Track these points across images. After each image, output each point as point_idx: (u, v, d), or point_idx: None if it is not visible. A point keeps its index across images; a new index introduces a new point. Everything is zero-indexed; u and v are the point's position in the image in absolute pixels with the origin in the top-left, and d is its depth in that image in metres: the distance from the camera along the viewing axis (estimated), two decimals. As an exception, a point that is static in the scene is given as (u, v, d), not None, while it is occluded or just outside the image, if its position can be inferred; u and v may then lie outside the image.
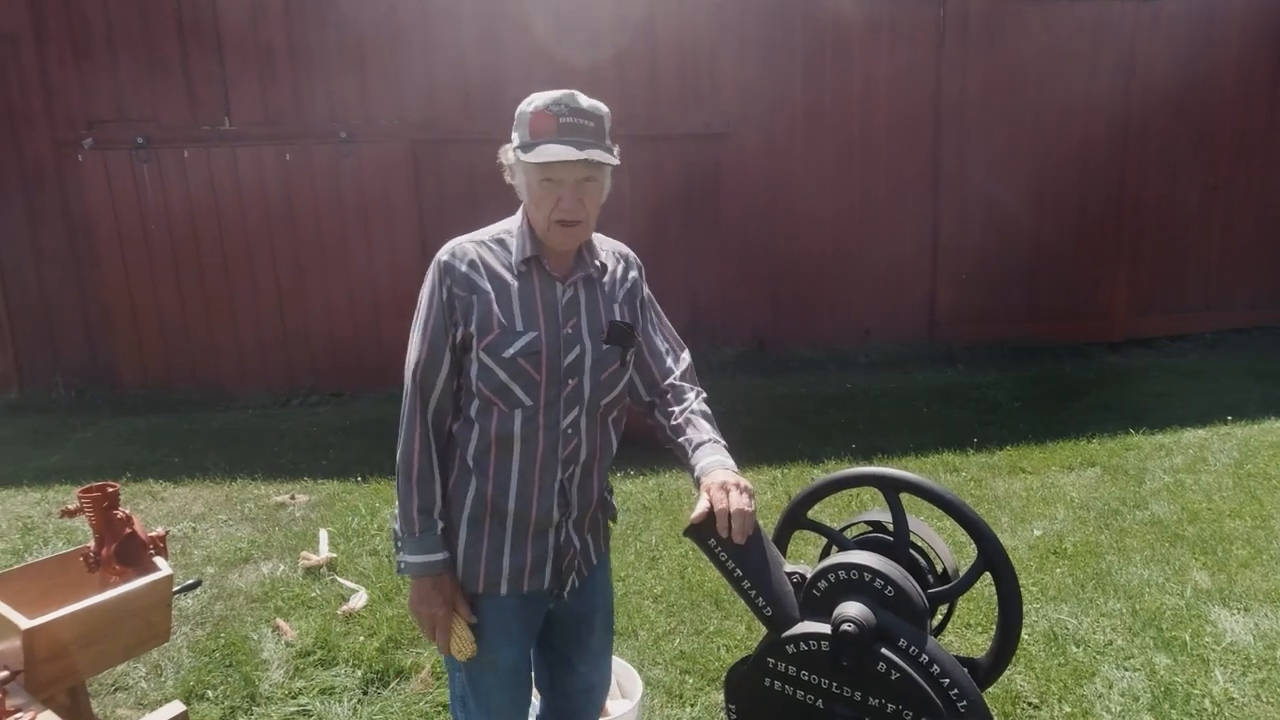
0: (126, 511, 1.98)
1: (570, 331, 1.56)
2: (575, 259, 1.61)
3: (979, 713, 1.44)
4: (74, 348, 6.39)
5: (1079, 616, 3.09)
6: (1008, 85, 7.05)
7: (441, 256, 1.55)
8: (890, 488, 1.66)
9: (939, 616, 1.91)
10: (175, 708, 1.68)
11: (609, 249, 1.71)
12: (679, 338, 1.82)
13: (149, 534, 2.01)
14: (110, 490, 1.97)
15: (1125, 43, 7.09)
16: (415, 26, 6.28)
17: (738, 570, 1.56)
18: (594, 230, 1.62)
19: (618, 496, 1.88)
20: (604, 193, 1.57)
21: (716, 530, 1.53)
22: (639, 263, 1.75)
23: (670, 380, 1.74)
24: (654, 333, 1.75)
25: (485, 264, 1.55)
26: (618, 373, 1.63)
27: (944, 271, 7.24)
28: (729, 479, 1.53)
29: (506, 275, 1.55)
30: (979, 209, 7.14)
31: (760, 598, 1.56)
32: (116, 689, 2.77)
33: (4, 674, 1.53)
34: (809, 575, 1.58)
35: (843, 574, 1.53)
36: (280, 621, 3.13)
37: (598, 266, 1.64)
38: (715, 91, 6.74)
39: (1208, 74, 7.27)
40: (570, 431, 1.58)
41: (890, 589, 1.50)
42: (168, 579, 1.89)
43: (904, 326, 7.29)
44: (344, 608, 3.21)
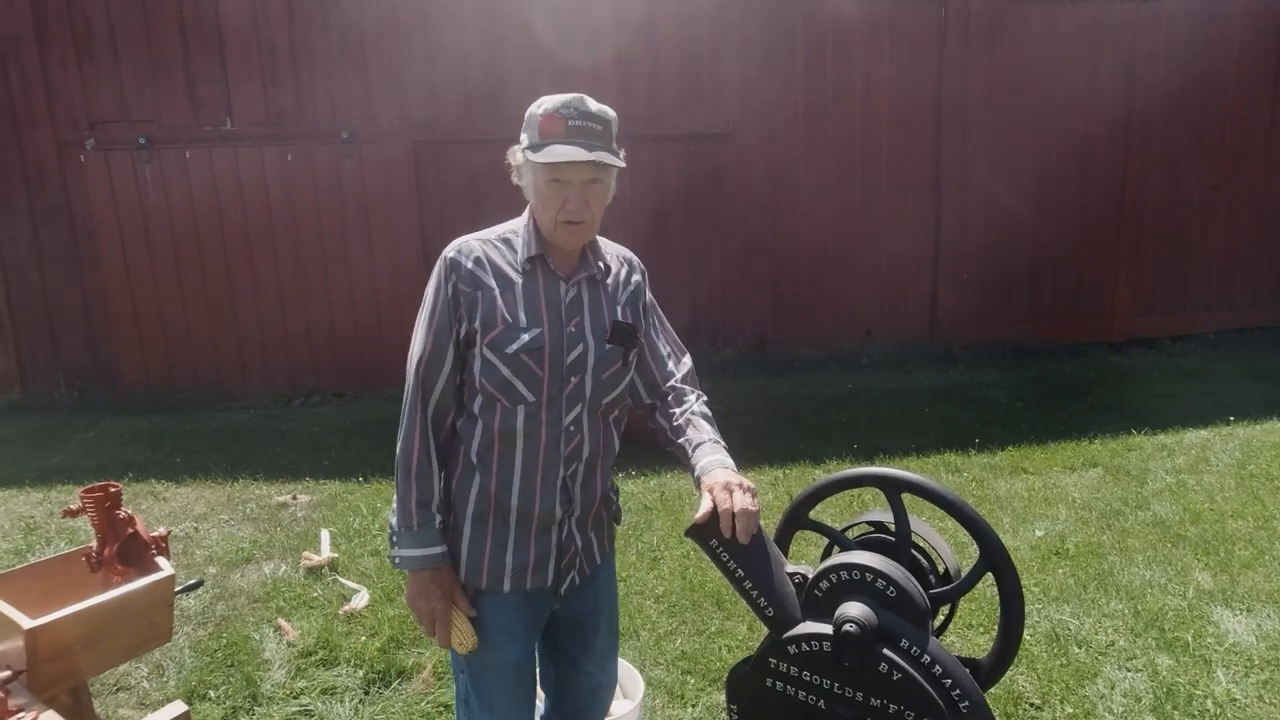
0: (128, 511, 1.98)
1: (573, 330, 1.58)
2: (579, 259, 1.63)
3: (981, 713, 1.44)
4: (76, 348, 6.40)
5: (1081, 617, 3.09)
6: (1009, 85, 7.05)
7: (448, 253, 1.58)
8: (892, 488, 1.66)
9: (941, 617, 1.92)
10: (177, 708, 1.69)
11: (613, 252, 1.73)
12: (680, 342, 1.84)
13: (151, 534, 2.01)
14: (112, 490, 1.97)
15: (1126, 42, 7.08)
16: (416, 27, 6.28)
17: (739, 571, 1.56)
18: (598, 231, 1.65)
19: (620, 497, 1.88)
20: (609, 195, 1.60)
21: (719, 530, 1.53)
22: (643, 268, 1.78)
23: (671, 383, 1.76)
24: (656, 337, 1.77)
25: (491, 261, 1.57)
26: (619, 372, 1.64)
27: (945, 271, 7.24)
28: (732, 479, 1.54)
29: (511, 273, 1.57)
30: (980, 209, 7.13)
31: (762, 598, 1.56)
32: (119, 689, 2.78)
33: (6, 674, 1.53)
34: (811, 576, 1.58)
35: (844, 574, 1.53)
36: (282, 621, 3.14)
37: (601, 268, 1.66)
38: (716, 92, 6.74)
39: (1209, 74, 7.26)
40: (573, 429, 1.59)
41: (892, 589, 1.50)
42: (170, 579, 1.89)
43: (905, 326, 7.28)
44: (346, 608, 3.21)
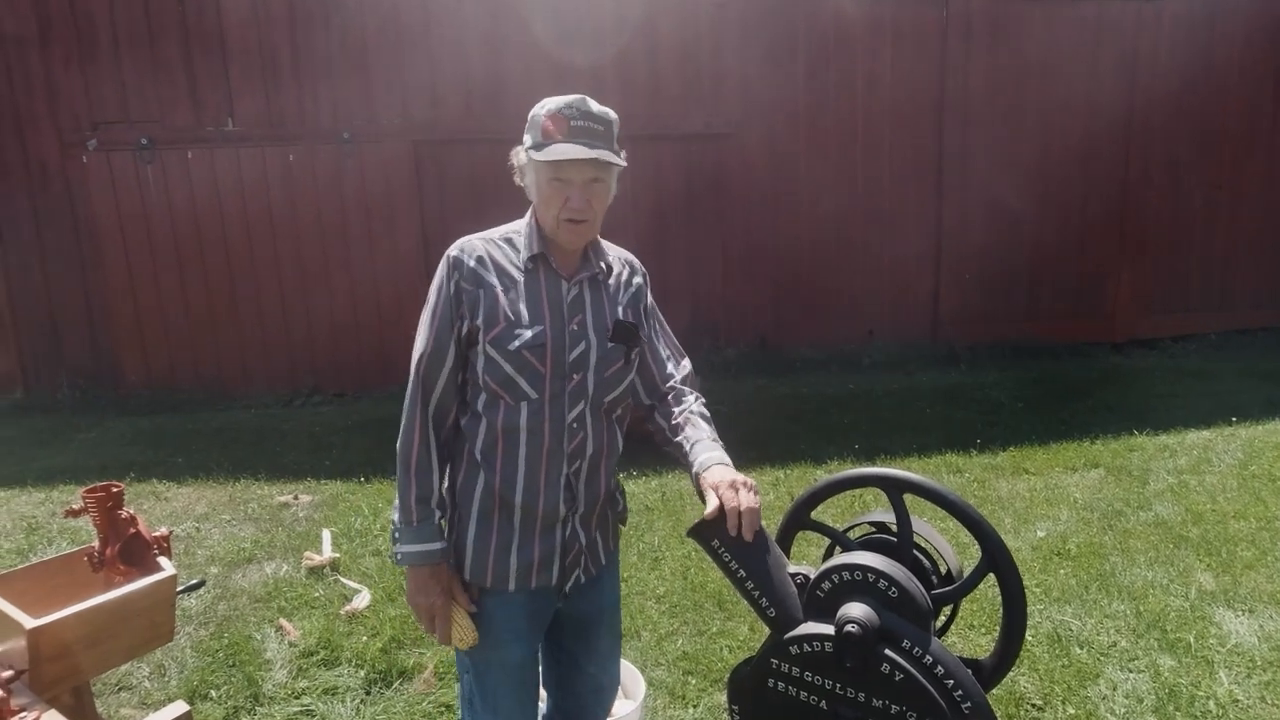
0: (130, 511, 1.99)
1: (576, 328, 1.59)
2: (581, 259, 1.65)
3: (983, 714, 1.44)
4: (78, 348, 6.41)
5: (1083, 618, 3.08)
6: (1010, 85, 7.05)
7: (451, 252, 1.60)
8: (894, 488, 1.66)
9: (943, 618, 1.91)
10: (179, 707, 1.69)
11: (615, 254, 1.75)
12: (679, 346, 1.86)
13: (153, 534, 2.02)
14: (114, 490, 1.98)
15: (1128, 42, 7.08)
16: (417, 27, 6.29)
17: (741, 571, 1.56)
18: (599, 231, 1.66)
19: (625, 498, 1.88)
20: (610, 195, 1.62)
21: (721, 530, 1.53)
22: (644, 271, 1.79)
23: (670, 384, 1.78)
24: (656, 339, 1.79)
25: (493, 260, 1.59)
26: (622, 371, 1.66)
27: (947, 272, 7.23)
28: (735, 477, 1.55)
29: (514, 271, 1.59)
30: (982, 209, 7.13)
31: (764, 598, 1.56)
32: (120, 689, 2.78)
33: (9, 673, 1.54)
34: (812, 576, 1.58)
35: (846, 575, 1.53)
36: (283, 621, 3.14)
37: (603, 268, 1.68)
38: (717, 92, 6.74)
39: (1211, 73, 7.25)
40: (575, 426, 1.60)
41: (894, 590, 1.50)
42: (171, 579, 1.89)
43: (906, 327, 7.28)
44: (347, 608, 3.21)
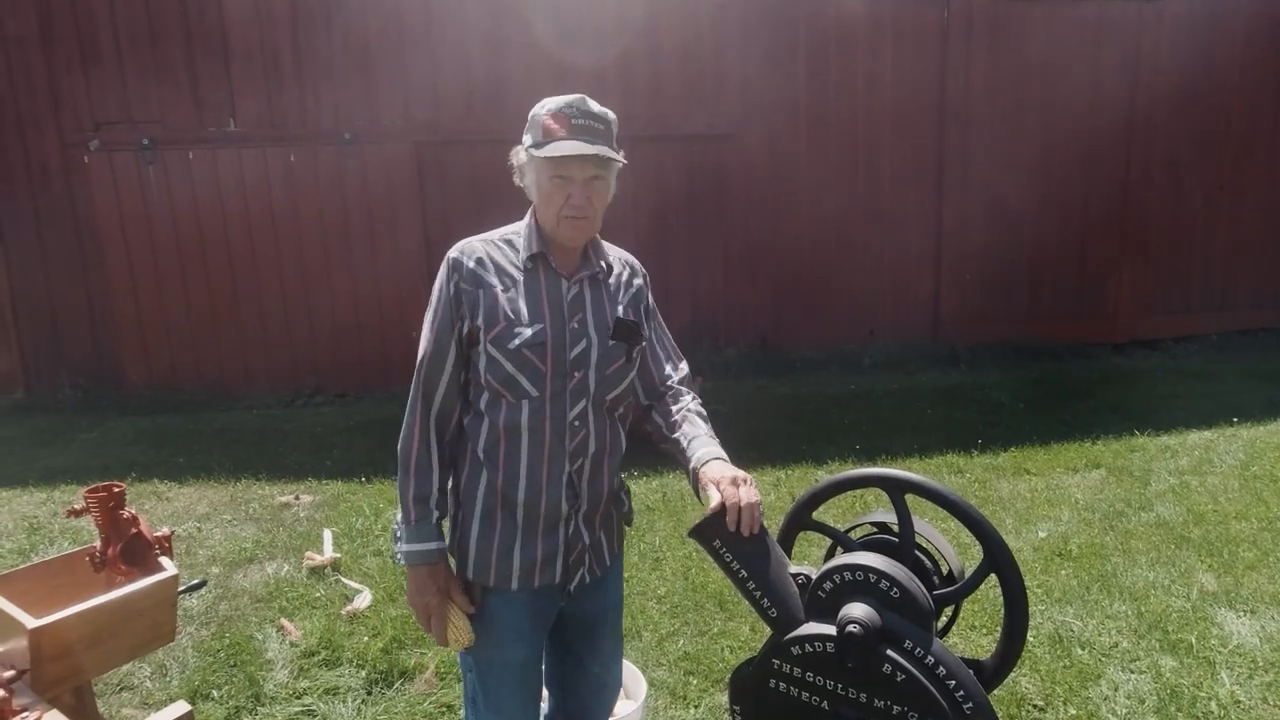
0: (132, 511, 1.99)
1: (576, 326, 1.60)
2: (581, 258, 1.66)
3: (984, 714, 1.44)
4: (80, 348, 6.41)
5: (1084, 618, 3.08)
6: (1011, 85, 7.04)
7: (451, 254, 1.62)
8: (895, 489, 1.66)
9: (944, 618, 1.91)
10: (180, 707, 1.69)
11: (616, 254, 1.76)
12: (678, 349, 1.88)
13: (154, 534, 2.02)
14: (116, 490, 1.98)
15: (1129, 41, 7.07)
16: (419, 28, 6.29)
17: (743, 571, 1.56)
18: (599, 231, 1.67)
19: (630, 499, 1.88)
20: (610, 193, 1.63)
21: (723, 530, 1.53)
22: (645, 273, 1.80)
23: (669, 384, 1.80)
24: (656, 342, 1.81)
25: (493, 260, 1.61)
26: (623, 369, 1.66)
27: (948, 272, 7.23)
28: (735, 473, 1.57)
29: (514, 271, 1.61)
30: (983, 209, 7.13)
31: (765, 599, 1.56)
32: (122, 689, 2.78)
33: (10, 673, 1.54)
34: (814, 576, 1.58)
35: (848, 575, 1.53)
36: (285, 622, 3.14)
37: (603, 267, 1.69)
38: (718, 92, 6.74)
39: (1212, 73, 7.24)
40: (577, 424, 1.60)
41: (895, 590, 1.50)
42: (173, 579, 1.90)
43: (907, 327, 7.27)
44: (348, 608, 3.21)
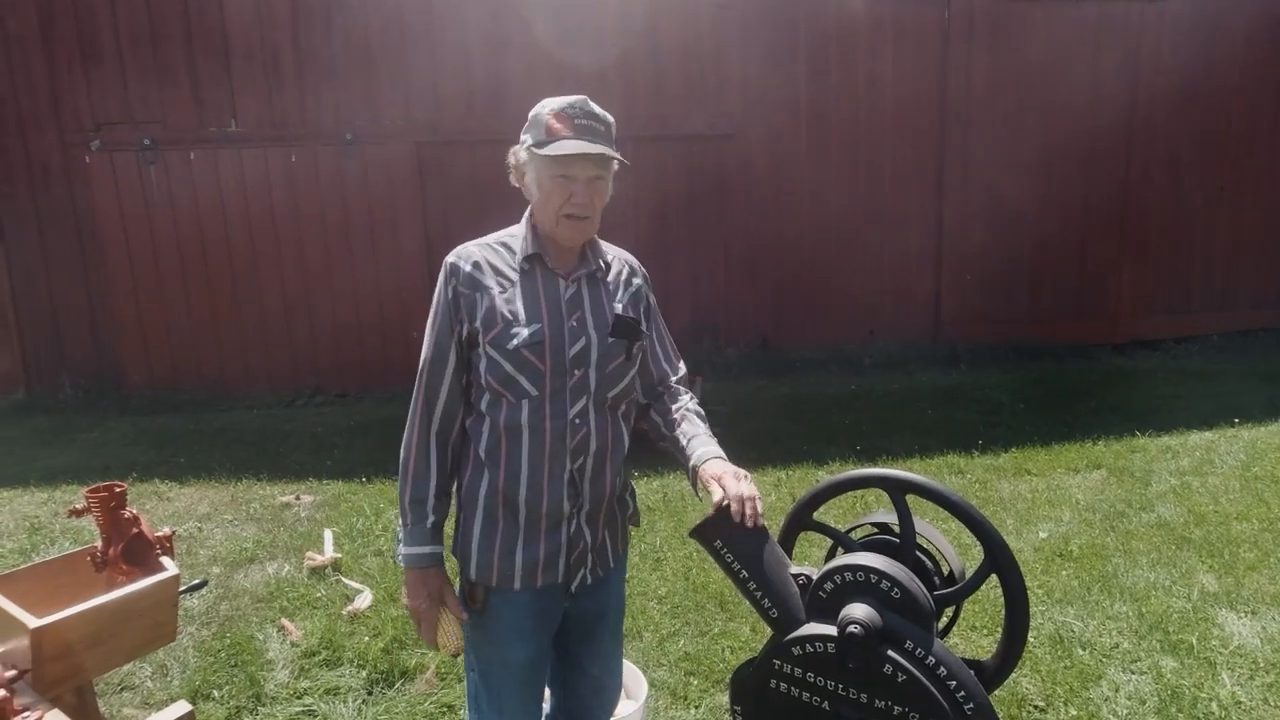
0: (133, 511, 1.99)
1: (575, 324, 1.61)
2: (579, 257, 1.67)
3: (985, 715, 1.44)
4: (81, 348, 6.41)
5: (1085, 619, 3.08)
6: (1012, 85, 7.04)
7: (448, 259, 1.63)
8: (896, 489, 1.66)
9: (945, 619, 1.91)
10: (181, 707, 1.69)
11: (615, 254, 1.77)
12: (678, 349, 1.89)
13: (155, 534, 2.02)
14: (117, 490, 1.98)
15: (1130, 41, 7.06)
16: (420, 29, 6.29)
17: (744, 572, 1.56)
18: (597, 231, 1.68)
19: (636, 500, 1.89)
20: (608, 194, 1.65)
21: (724, 530, 1.54)
22: (645, 273, 1.81)
23: (668, 383, 1.81)
24: (656, 341, 1.82)
25: (490, 264, 1.62)
26: (623, 366, 1.67)
27: (948, 272, 7.22)
28: (736, 470, 1.58)
29: (510, 273, 1.62)
30: (983, 209, 7.12)
31: (766, 599, 1.56)
32: (123, 688, 2.78)
33: (12, 673, 1.54)
34: (815, 577, 1.58)
35: (848, 576, 1.53)
36: (285, 622, 3.14)
37: (602, 265, 1.70)
38: (719, 92, 6.74)
39: (1212, 73, 7.23)
40: (578, 422, 1.61)
41: (896, 591, 1.50)
42: (174, 579, 1.90)
43: (907, 327, 7.27)
44: (349, 608, 3.21)
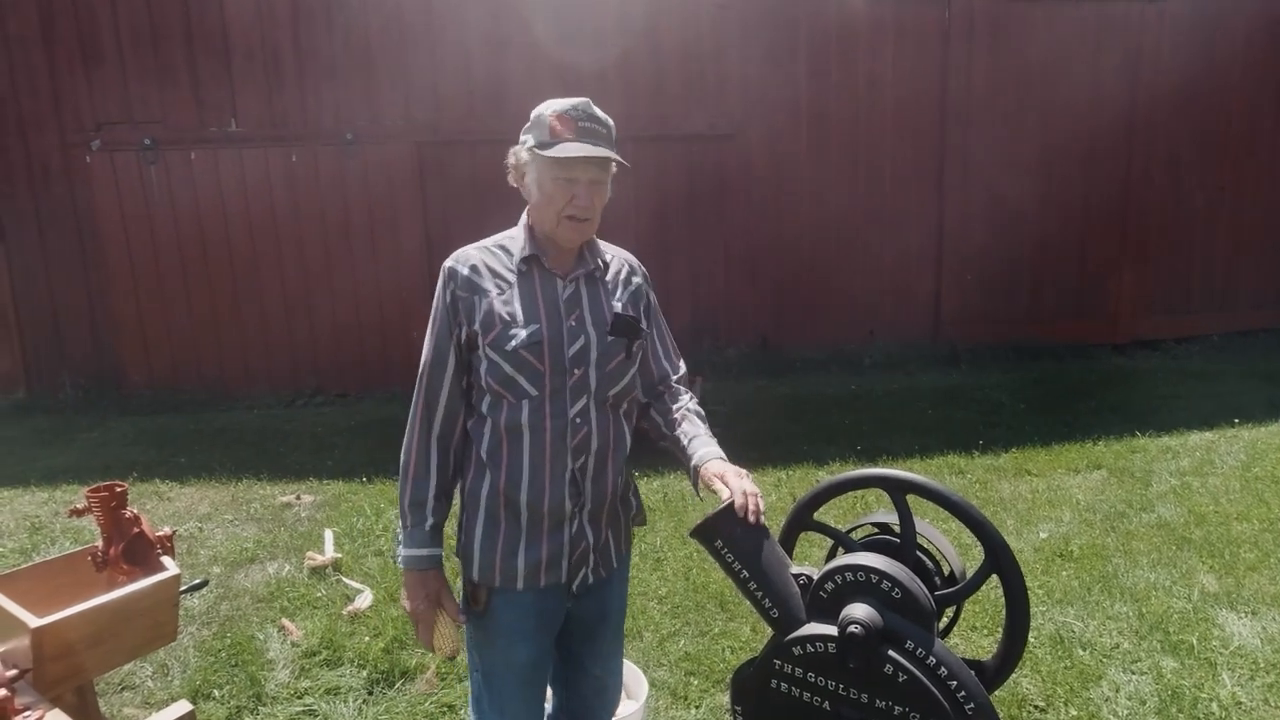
0: (134, 511, 1.99)
1: (574, 324, 1.61)
2: (577, 257, 1.68)
3: (986, 715, 1.44)
4: (81, 348, 6.41)
5: (1085, 619, 3.08)
6: (1013, 85, 7.03)
7: (446, 264, 1.64)
8: (896, 489, 1.66)
9: (946, 619, 1.91)
10: (182, 707, 1.69)
11: (615, 253, 1.77)
12: (678, 350, 1.89)
13: (156, 534, 2.02)
14: (118, 490, 1.98)
15: (1130, 41, 7.06)
16: (420, 28, 6.29)
17: (744, 572, 1.56)
18: (596, 231, 1.68)
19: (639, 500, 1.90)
20: (607, 196, 1.65)
21: (726, 528, 1.54)
22: (645, 272, 1.81)
23: (668, 382, 1.82)
24: (657, 340, 1.82)
25: (488, 266, 1.63)
26: (623, 365, 1.67)
27: (948, 272, 7.22)
28: (736, 469, 1.59)
29: (508, 275, 1.63)
30: (984, 209, 7.12)
31: (766, 599, 1.56)
32: (123, 688, 2.78)
33: (13, 672, 1.54)
34: (815, 577, 1.58)
35: (849, 576, 1.53)
36: (286, 621, 3.14)
37: (600, 265, 1.70)
38: (719, 92, 6.74)
39: (1214, 73, 7.23)
40: (579, 421, 1.61)
41: (897, 591, 1.50)
42: (174, 579, 1.90)
43: (908, 327, 7.27)
44: (349, 608, 3.21)
